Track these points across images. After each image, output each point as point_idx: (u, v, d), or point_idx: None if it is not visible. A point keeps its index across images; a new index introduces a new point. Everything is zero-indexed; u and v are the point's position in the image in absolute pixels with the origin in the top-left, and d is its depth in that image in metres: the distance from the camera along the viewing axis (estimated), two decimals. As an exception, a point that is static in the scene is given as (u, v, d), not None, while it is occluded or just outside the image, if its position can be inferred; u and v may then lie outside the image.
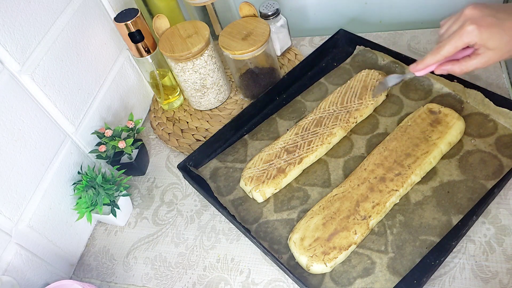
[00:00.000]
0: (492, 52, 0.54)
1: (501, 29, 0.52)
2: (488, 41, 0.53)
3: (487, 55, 0.54)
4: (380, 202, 0.63)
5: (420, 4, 0.92)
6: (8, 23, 0.60)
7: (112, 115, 0.83)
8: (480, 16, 0.53)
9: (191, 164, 0.77)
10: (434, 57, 0.56)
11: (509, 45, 0.53)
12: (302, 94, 0.84)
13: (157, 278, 0.68)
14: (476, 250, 0.60)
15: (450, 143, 0.67)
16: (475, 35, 0.53)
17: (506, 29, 0.52)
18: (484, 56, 0.54)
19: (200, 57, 0.78)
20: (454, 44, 0.54)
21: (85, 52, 0.75)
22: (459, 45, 0.54)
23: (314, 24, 1.03)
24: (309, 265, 0.60)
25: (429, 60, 0.57)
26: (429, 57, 0.57)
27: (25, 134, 0.64)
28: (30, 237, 0.65)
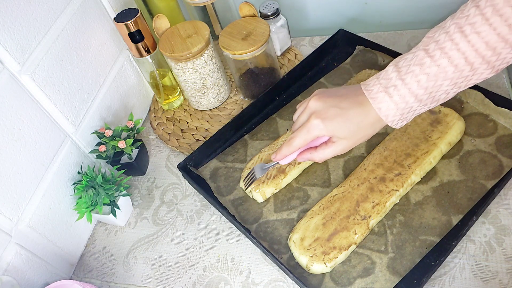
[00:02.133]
0: (344, 140, 0.54)
1: (346, 119, 0.52)
2: (336, 132, 0.53)
3: (340, 143, 0.54)
4: (380, 202, 0.63)
5: (420, 4, 0.92)
6: (8, 23, 0.60)
7: (112, 115, 0.83)
8: (323, 108, 0.53)
9: (191, 164, 0.77)
10: (288, 149, 0.56)
11: (358, 132, 0.53)
12: (302, 94, 0.84)
13: (157, 278, 0.68)
14: (476, 250, 0.60)
15: (450, 143, 0.67)
16: (321, 129, 0.53)
17: (351, 118, 0.52)
18: (338, 144, 0.54)
19: (200, 57, 0.78)
20: (303, 137, 0.55)
21: (85, 52, 0.75)
22: (308, 138, 0.55)
23: (314, 24, 1.03)
24: (309, 265, 0.60)
25: (285, 151, 0.57)
26: (284, 148, 0.57)
27: (25, 134, 0.64)
28: (30, 237, 0.65)
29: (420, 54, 0.50)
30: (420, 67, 0.49)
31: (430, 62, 0.48)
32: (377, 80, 0.52)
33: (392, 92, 0.50)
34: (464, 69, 0.47)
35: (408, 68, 0.50)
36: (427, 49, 0.49)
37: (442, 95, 0.50)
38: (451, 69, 0.48)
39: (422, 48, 0.50)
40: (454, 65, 0.47)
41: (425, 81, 0.49)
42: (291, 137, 0.56)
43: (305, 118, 0.55)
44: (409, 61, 0.50)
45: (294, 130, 0.57)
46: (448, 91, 0.50)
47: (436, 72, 0.48)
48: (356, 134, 0.53)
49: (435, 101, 0.51)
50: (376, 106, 0.51)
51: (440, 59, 0.48)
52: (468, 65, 0.47)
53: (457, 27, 0.47)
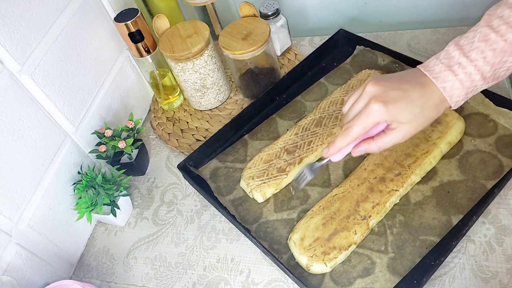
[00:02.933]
0: (406, 125, 0.50)
1: (409, 101, 0.49)
2: (398, 116, 0.50)
3: (402, 129, 0.51)
4: (380, 202, 0.63)
5: (420, 4, 0.92)
6: (8, 23, 0.60)
7: (112, 115, 0.83)
8: (383, 91, 0.50)
9: (191, 164, 0.77)
10: (344, 140, 0.52)
11: (421, 115, 0.50)
12: (302, 94, 0.84)
13: (157, 278, 0.68)
14: (476, 250, 0.60)
15: (450, 143, 0.67)
16: (382, 113, 0.49)
17: (414, 100, 0.49)
18: (399, 131, 0.51)
19: (200, 57, 0.78)
20: (362, 125, 0.51)
21: (85, 52, 0.75)
22: (368, 125, 0.51)
23: (314, 24, 1.03)
24: (309, 265, 0.60)
25: (340, 143, 0.53)
26: (339, 140, 0.52)
27: (25, 134, 0.64)
28: (30, 237, 0.65)
29: (483, 31, 0.48)
30: (486, 43, 0.47)
31: (496, 37, 0.47)
32: (437, 60, 0.50)
33: (457, 70, 0.49)
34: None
35: (472, 45, 0.48)
36: (491, 25, 0.48)
37: (503, 71, 0.49)
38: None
39: (484, 24, 0.48)
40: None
41: (491, 57, 0.47)
42: (347, 126, 0.51)
43: (361, 105, 0.51)
44: (471, 38, 0.49)
45: (348, 115, 0.52)
46: (510, 67, 0.49)
47: (503, 47, 0.47)
48: (419, 118, 0.50)
49: (496, 78, 0.50)
50: (441, 85, 0.49)
51: (508, 33, 0.47)
52: None
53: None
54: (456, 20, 0.91)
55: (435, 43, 0.86)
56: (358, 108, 0.52)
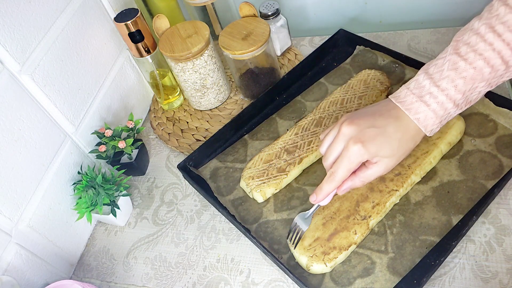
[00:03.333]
0: (387, 158, 0.51)
1: (386, 137, 0.50)
2: (378, 152, 0.51)
3: (383, 162, 0.51)
4: (380, 202, 0.63)
5: (420, 4, 0.92)
6: (8, 23, 0.60)
7: (112, 115, 0.83)
8: (359, 131, 0.51)
9: (191, 164, 0.77)
10: (331, 185, 0.53)
11: (400, 148, 0.51)
12: (302, 94, 0.84)
13: (157, 278, 0.68)
14: (476, 250, 0.60)
15: (450, 143, 0.67)
16: (364, 153, 0.50)
17: (391, 135, 0.50)
18: (380, 164, 0.52)
19: (200, 57, 0.78)
20: (347, 167, 0.51)
21: (85, 52, 0.75)
22: (352, 167, 0.52)
23: (314, 24, 1.03)
24: (309, 265, 0.60)
25: (327, 189, 0.54)
26: (326, 186, 0.54)
27: (25, 134, 0.64)
28: (30, 237, 0.65)
29: (452, 59, 0.48)
30: (455, 71, 0.48)
31: (465, 65, 0.48)
32: (408, 91, 0.51)
33: (428, 100, 0.49)
34: (499, 68, 0.47)
35: (442, 74, 0.49)
36: (459, 52, 0.48)
37: (475, 96, 0.50)
38: (487, 70, 0.47)
39: (452, 52, 0.49)
40: (490, 66, 0.47)
41: (462, 85, 0.48)
42: (332, 172, 0.52)
43: (340, 147, 0.52)
44: (440, 66, 0.49)
45: (329, 163, 0.54)
46: (481, 92, 0.49)
47: (472, 75, 0.47)
48: (398, 151, 0.51)
49: (468, 103, 0.50)
50: (414, 117, 0.50)
51: (476, 61, 0.47)
52: (503, 64, 0.47)
53: (488, 27, 0.47)
54: (456, 20, 0.91)
55: (435, 43, 0.86)
56: (337, 150, 0.53)
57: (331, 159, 0.53)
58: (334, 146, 0.53)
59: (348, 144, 0.51)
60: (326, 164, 0.54)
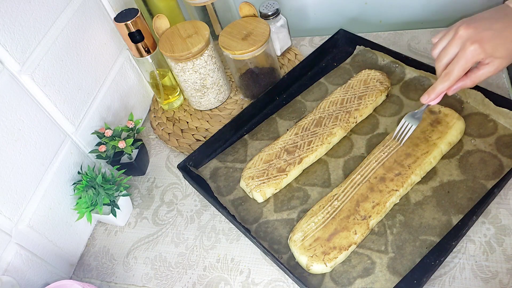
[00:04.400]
0: (500, 59, 0.54)
1: (502, 39, 0.53)
2: (494, 53, 0.53)
3: (495, 63, 0.54)
4: (380, 202, 0.63)
5: (420, 4, 0.92)
6: (8, 23, 0.60)
7: (112, 115, 0.83)
8: (477, 33, 0.53)
9: (191, 164, 0.77)
10: (445, 84, 0.56)
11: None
12: (302, 94, 0.84)
13: (157, 278, 0.68)
14: (476, 250, 0.60)
15: (450, 143, 0.67)
16: (480, 53, 0.53)
17: (507, 37, 0.53)
18: (492, 65, 0.54)
19: (200, 57, 0.78)
20: (463, 67, 0.54)
21: (85, 52, 0.75)
22: (468, 66, 0.54)
23: (314, 24, 1.03)
24: (309, 265, 0.60)
25: (441, 88, 0.57)
26: (440, 84, 0.56)
27: (25, 134, 0.64)
28: (30, 237, 0.65)
29: None
30: None
31: None
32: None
33: None
34: None
35: None
36: None
37: None
38: None
39: None
40: None
41: None
42: (448, 71, 0.55)
43: (456, 48, 0.54)
44: None
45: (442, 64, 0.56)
46: None
47: None
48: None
49: None
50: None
51: None
52: None
53: None
54: (456, 20, 0.90)
55: (435, 43, 0.86)
56: (452, 51, 0.55)
57: (446, 59, 0.56)
58: (450, 47, 0.55)
59: (466, 45, 0.53)
60: (439, 65, 0.57)
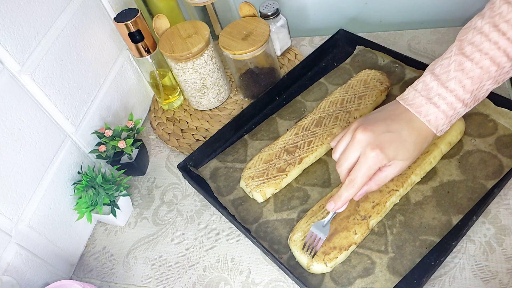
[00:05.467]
0: (402, 161, 0.52)
1: (402, 141, 0.51)
2: (396, 156, 0.51)
3: (398, 164, 0.52)
4: (380, 202, 0.63)
5: (420, 4, 0.92)
6: (8, 23, 0.60)
7: (112, 115, 0.83)
8: (375, 137, 0.51)
9: (191, 164, 0.77)
10: (350, 191, 0.53)
11: (415, 150, 0.52)
12: (302, 94, 0.84)
13: (157, 278, 0.68)
14: (476, 250, 0.60)
15: (450, 143, 0.67)
16: (382, 158, 0.51)
17: (406, 139, 0.51)
18: (395, 167, 0.52)
19: (200, 57, 0.78)
20: (366, 174, 0.52)
21: (85, 52, 0.75)
22: (371, 172, 0.52)
23: (314, 24, 1.03)
24: (309, 265, 0.60)
25: (347, 196, 0.54)
26: (345, 192, 0.54)
27: (25, 134, 0.64)
28: (30, 237, 0.65)
29: (458, 59, 0.49)
30: (462, 72, 0.49)
31: (471, 65, 0.48)
32: (416, 92, 0.52)
33: (437, 102, 0.50)
34: (505, 65, 0.48)
35: (449, 75, 0.49)
36: (464, 53, 0.49)
37: (483, 93, 0.51)
38: (494, 69, 0.48)
39: (458, 52, 0.49)
40: (496, 64, 0.48)
41: (470, 85, 0.49)
42: (351, 179, 0.53)
43: (355, 154, 0.52)
44: (447, 67, 0.50)
45: (343, 169, 0.54)
46: (488, 89, 0.50)
47: (479, 74, 0.48)
48: (413, 153, 0.52)
49: (477, 100, 0.51)
50: (425, 119, 0.51)
51: (482, 60, 0.48)
52: (509, 61, 0.47)
53: (492, 26, 0.47)
54: (456, 20, 0.91)
55: (435, 43, 0.86)
56: (352, 157, 0.53)
57: (346, 165, 0.54)
58: (349, 153, 0.53)
59: (366, 151, 0.51)
60: (340, 170, 0.54)
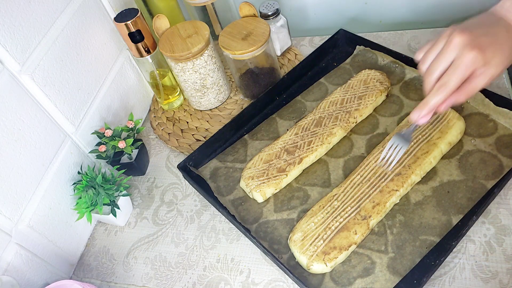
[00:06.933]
0: (494, 68, 0.49)
1: (499, 44, 0.50)
2: (492, 60, 0.49)
3: (488, 73, 0.49)
4: (380, 202, 0.63)
5: (420, 4, 0.92)
6: (8, 23, 0.60)
7: (112, 115, 0.83)
8: (473, 39, 0.49)
9: (191, 164, 0.77)
10: (440, 96, 0.50)
11: (509, 57, 0.50)
12: (302, 94, 0.84)
13: (157, 278, 0.68)
14: (476, 250, 0.60)
15: (450, 143, 0.67)
16: (480, 59, 0.48)
17: (503, 44, 0.50)
18: (486, 75, 0.50)
19: (200, 57, 0.78)
20: (461, 75, 0.49)
21: (85, 52, 0.75)
22: (466, 75, 0.49)
23: (314, 24, 1.03)
24: (309, 265, 0.60)
25: (435, 101, 0.50)
26: (434, 98, 0.50)
27: (25, 134, 0.64)
28: (30, 237, 0.65)
29: None
30: None
31: None
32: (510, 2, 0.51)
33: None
34: None
35: None
36: None
37: None
38: None
39: None
40: None
41: None
42: (443, 82, 0.49)
43: (451, 57, 0.49)
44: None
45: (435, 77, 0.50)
46: None
47: None
48: (507, 59, 0.50)
49: None
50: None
51: None
52: None
53: None
54: (456, 20, 0.90)
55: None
56: (447, 60, 0.50)
57: (439, 71, 0.50)
58: (444, 56, 0.50)
59: (464, 52, 0.48)
60: (431, 79, 0.51)
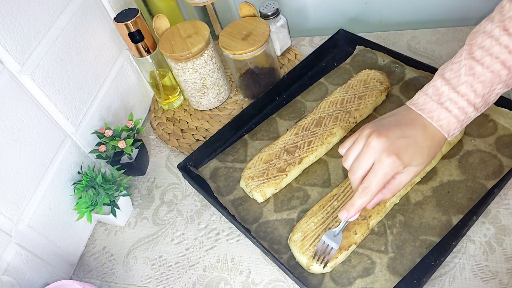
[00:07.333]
0: (415, 167, 0.51)
1: (417, 147, 0.50)
2: (411, 162, 0.50)
3: (412, 170, 0.51)
4: (380, 202, 0.63)
5: (420, 4, 0.92)
6: (8, 23, 0.60)
7: (112, 115, 0.83)
8: (390, 143, 0.50)
9: (191, 164, 0.77)
10: (364, 199, 0.51)
11: (429, 156, 0.51)
12: (302, 94, 0.84)
13: (157, 278, 0.68)
14: (476, 250, 0.60)
15: (450, 143, 0.67)
16: (399, 165, 0.49)
17: (421, 145, 0.50)
18: (410, 173, 0.51)
19: (200, 57, 0.78)
20: (382, 181, 0.50)
21: (85, 52, 0.75)
22: (387, 179, 0.50)
23: (314, 24, 1.03)
24: (309, 265, 0.60)
25: (360, 204, 0.52)
26: (359, 200, 0.52)
27: (25, 134, 0.64)
28: (30, 237, 0.65)
29: (468, 63, 0.49)
30: (473, 76, 0.49)
31: (482, 69, 0.48)
32: (426, 97, 0.51)
33: (449, 106, 0.50)
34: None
35: (460, 79, 0.49)
36: (474, 57, 0.49)
37: (493, 97, 0.51)
38: (504, 72, 0.48)
39: (468, 56, 0.49)
40: (507, 68, 0.48)
41: (481, 89, 0.49)
42: (365, 186, 0.51)
43: (370, 161, 0.51)
44: (457, 71, 0.50)
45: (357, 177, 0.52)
46: (499, 93, 0.51)
47: (490, 78, 0.48)
48: (428, 158, 0.51)
49: (487, 105, 0.51)
50: (437, 123, 0.50)
51: (493, 64, 0.48)
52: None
53: (502, 30, 0.47)
54: (456, 20, 0.91)
55: (435, 43, 0.86)
56: (366, 164, 0.51)
57: (361, 172, 0.52)
58: (363, 159, 0.51)
59: (382, 157, 0.50)
60: (354, 178, 0.53)
